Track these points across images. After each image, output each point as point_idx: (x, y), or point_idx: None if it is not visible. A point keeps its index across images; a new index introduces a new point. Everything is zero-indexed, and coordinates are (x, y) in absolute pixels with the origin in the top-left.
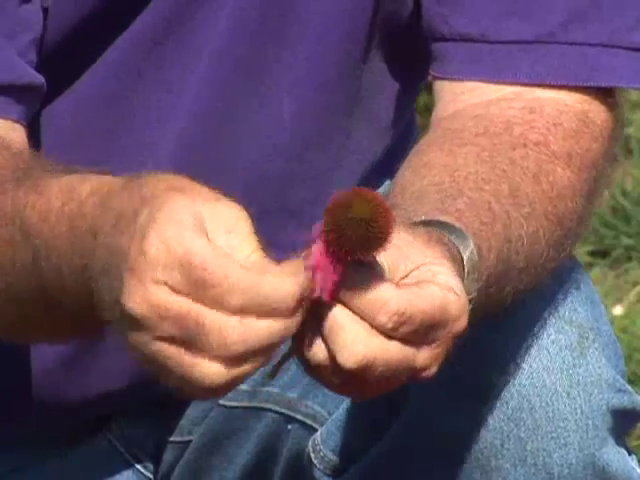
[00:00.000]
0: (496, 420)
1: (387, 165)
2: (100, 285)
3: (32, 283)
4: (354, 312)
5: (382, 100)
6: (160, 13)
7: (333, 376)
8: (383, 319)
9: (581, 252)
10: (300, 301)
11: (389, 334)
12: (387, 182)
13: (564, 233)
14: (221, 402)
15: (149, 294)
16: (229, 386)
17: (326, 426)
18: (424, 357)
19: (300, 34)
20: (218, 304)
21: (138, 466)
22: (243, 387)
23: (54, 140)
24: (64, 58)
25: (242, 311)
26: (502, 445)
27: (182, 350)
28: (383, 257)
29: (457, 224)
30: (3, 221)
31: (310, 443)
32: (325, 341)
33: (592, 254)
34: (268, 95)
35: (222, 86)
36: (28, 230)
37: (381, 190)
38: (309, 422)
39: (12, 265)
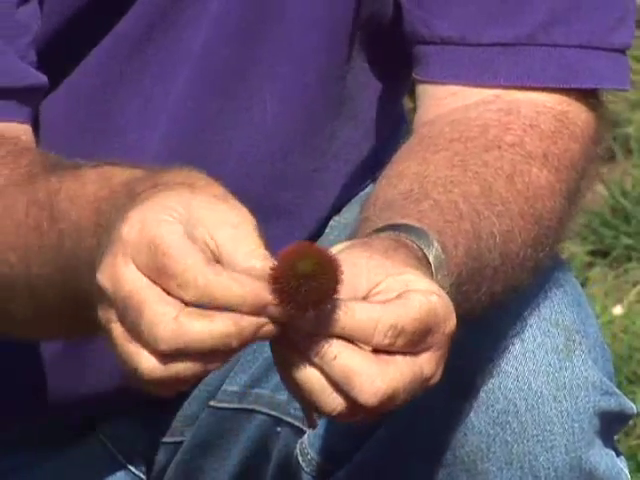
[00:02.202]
0: (482, 423)
1: (375, 164)
2: (96, 262)
3: (53, 267)
4: (348, 341)
5: (367, 100)
6: (143, 16)
7: (357, 416)
8: (379, 338)
9: (581, 252)
10: (253, 309)
11: (388, 350)
12: (371, 187)
13: (542, 232)
14: (211, 403)
15: (114, 267)
16: (167, 384)
17: (316, 431)
18: (429, 364)
19: (283, 37)
20: (173, 294)
21: (130, 467)
22: (233, 388)
23: (40, 139)
24: (50, 58)
25: (197, 305)
26: (488, 448)
27: (125, 333)
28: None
29: (417, 224)
30: (34, 208)
31: (298, 446)
32: (340, 390)
33: (592, 254)
34: (251, 98)
35: (205, 89)
36: (57, 216)
37: (368, 191)
38: (298, 424)
39: (38, 253)
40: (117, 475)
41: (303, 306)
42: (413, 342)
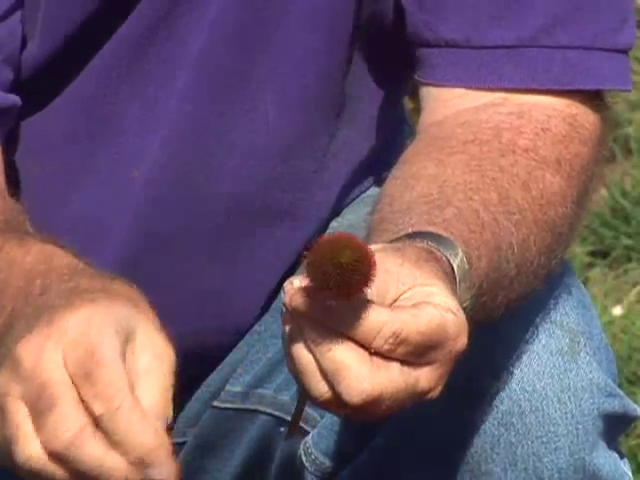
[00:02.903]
0: (486, 424)
1: (376, 165)
2: (13, 328)
3: None
4: (350, 340)
5: (367, 101)
6: (142, 21)
7: (341, 410)
8: (379, 342)
9: (581, 252)
10: (137, 461)
11: (387, 356)
12: (373, 188)
13: (555, 239)
14: (214, 404)
15: (42, 350)
16: (38, 477)
17: (318, 429)
18: (427, 379)
19: (283, 39)
20: (87, 401)
21: None
22: (236, 389)
23: (38, 144)
24: (53, 66)
25: (99, 420)
26: (492, 449)
27: (29, 417)
28: None
29: (445, 234)
30: None
31: (302, 446)
32: (328, 381)
33: (592, 254)
34: (252, 100)
35: (205, 92)
36: None
37: (369, 193)
38: (301, 424)
39: None
40: None
41: (330, 294)
42: (415, 354)
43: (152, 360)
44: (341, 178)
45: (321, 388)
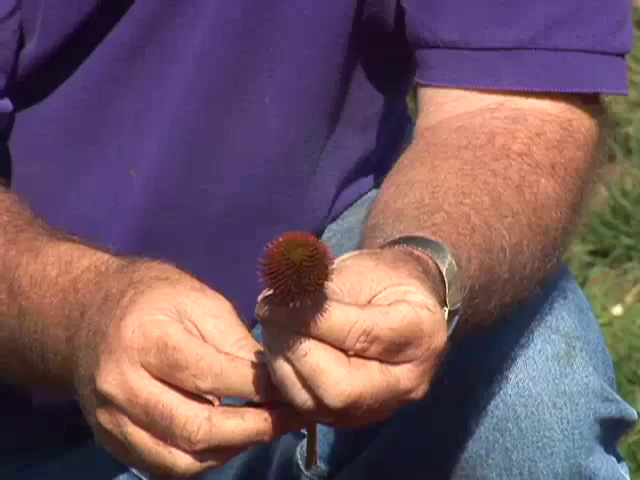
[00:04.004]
0: (481, 430)
1: (376, 168)
2: (79, 359)
3: (13, 337)
4: (324, 343)
5: (367, 104)
6: (139, 20)
7: (327, 417)
8: (351, 342)
9: (581, 251)
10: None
11: (361, 355)
12: (374, 190)
13: (549, 243)
14: None
15: (123, 376)
16: (203, 472)
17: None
18: (407, 378)
19: (282, 40)
20: (189, 386)
21: (134, 470)
22: None
23: (35, 144)
24: (51, 66)
25: (211, 394)
26: (487, 455)
27: (153, 437)
28: (341, 283)
29: (432, 237)
30: None
31: (298, 450)
32: (307, 387)
33: (592, 254)
34: (251, 101)
35: (204, 93)
36: (17, 291)
37: (370, 195)
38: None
39: None
40: (120, 478)
41: (290, 294)
42: (389, 351)
43: (214, 321)
44: (340, 181)
45: (302, 395)
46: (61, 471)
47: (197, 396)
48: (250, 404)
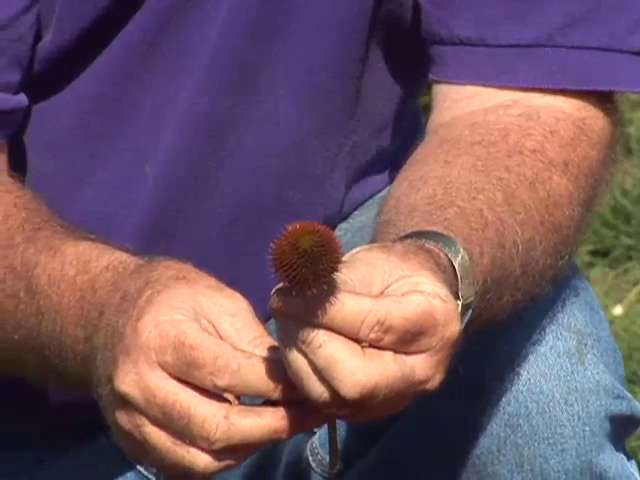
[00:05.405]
0: (493, 426)
1: (389, 165)
2: (98, 359)
3: (31, 336)
4: (339, 334)
5: (382, 100)
6: (153, 15)
7: (342, 410)
8: (365, 331)
9: (581, 252)
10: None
11: (375, 345)
12: (385, 191)
13: (561, 240)
14: None
15: (140, 376)
16: (221, 471)
17: (324, 429)
18: (422, 368)
19: (297, 35)
20: (207, 384)
21: (140, 467)
22: None
23: (50, 138)
24: (64, 60)
25: (229, 391)
26: (499, 451)
27: (171, 437)
28: (353, 275)
29: (444, 232)
30: (11, 275)
31: (308, 446)
32: (323, 379)
33: (592, 254)
34: (265, 96)
35: (219, 88)
36: (35, 289)
37: (382, 194)
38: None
39: (12, 316)
40: (127, 476)
41: (306, 282)
42: (403, 341)
43: (231, 320)
44: (353, 178)
45: (318, 388)
46: (71, 468)
47: (215, 395)
48: (267, 403)
